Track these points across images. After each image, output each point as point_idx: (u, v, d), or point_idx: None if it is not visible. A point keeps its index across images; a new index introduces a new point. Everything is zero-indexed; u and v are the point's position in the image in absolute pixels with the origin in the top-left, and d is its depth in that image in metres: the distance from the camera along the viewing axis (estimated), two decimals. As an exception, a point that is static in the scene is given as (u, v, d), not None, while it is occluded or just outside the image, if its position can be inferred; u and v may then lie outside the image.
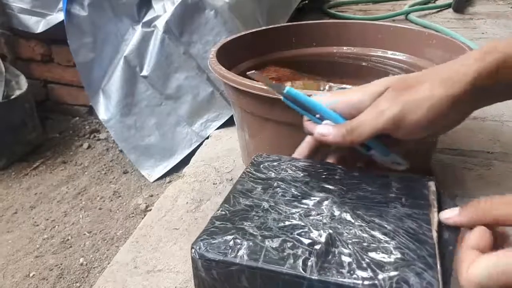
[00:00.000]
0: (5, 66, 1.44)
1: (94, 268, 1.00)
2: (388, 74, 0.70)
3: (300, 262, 0.28)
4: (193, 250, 0.30)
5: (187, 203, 0.63)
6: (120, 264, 0.52)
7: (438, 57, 0.65)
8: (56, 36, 1.40)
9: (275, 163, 0.40)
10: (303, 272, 0.27)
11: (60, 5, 1.31)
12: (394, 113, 0.36)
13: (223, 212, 0.33)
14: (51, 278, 0.97)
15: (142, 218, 0.68)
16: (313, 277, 0.27)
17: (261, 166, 0.40)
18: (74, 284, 0.96)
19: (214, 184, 0.67)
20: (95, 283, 0.50)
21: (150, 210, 0.64)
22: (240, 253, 0.29)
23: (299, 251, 0.29)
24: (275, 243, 0.30)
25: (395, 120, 0.36)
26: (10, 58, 1.56)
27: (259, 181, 0.37)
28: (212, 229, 0.31)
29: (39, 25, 1.38)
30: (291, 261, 0.28)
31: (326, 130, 0.38)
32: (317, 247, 0.29)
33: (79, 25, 1.19)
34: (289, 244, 0.29)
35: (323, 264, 0.28)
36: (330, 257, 0.28)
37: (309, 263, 0.28)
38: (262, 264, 0.28)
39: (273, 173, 0.38)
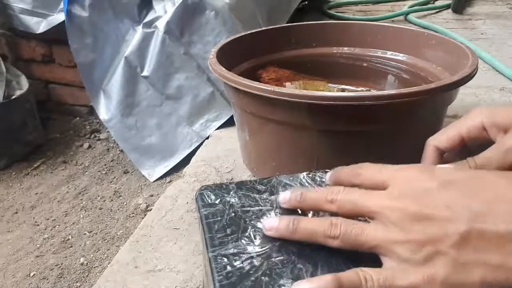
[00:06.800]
0: (6, 66, 1.44)
1: (94, 267, 1.01)
2: (387, 75, 0.71)
3: None
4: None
5: (187, 203, 0.63)
6: (120, 264, 0.52)
7: (438, 57, 0.65)
8: (57, 37, 1.40)
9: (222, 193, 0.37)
10: None
11: (61, 5, 1.31)
12: None
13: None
14: (51, 278, 0.98)
15: (143, 218, 0.69)
16: None
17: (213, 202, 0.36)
18: (75, 284, 0.96)
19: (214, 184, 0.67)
20: (96, 282, 0.50)
21: (151, 210, 0.64)
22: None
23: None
24: None
25: None
26: (11, 59, 1.56)
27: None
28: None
29: (40, 25, 1.39)
30: None
31: None
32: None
33: (80, 26, 1.20)
34: None
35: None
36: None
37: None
38: None
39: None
